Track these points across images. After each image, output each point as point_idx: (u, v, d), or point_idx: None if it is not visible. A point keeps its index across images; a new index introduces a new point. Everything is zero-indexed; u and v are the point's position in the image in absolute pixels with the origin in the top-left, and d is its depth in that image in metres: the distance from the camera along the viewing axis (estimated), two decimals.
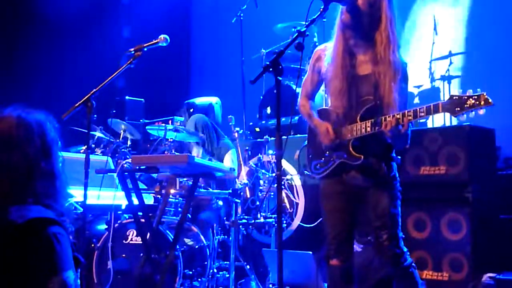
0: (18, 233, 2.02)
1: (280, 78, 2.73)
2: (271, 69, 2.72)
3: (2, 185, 2.11)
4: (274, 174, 5.41)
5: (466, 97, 2.92)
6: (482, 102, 2.88)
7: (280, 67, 2.72)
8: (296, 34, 2.88)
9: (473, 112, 2.92)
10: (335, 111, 3.40)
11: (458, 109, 2.93)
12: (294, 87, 6.63)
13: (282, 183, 5.88)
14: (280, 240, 2.64)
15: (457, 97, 2.94)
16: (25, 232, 2.03)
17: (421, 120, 6.49)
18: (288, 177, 5.90)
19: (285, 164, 5.89)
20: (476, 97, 2.90)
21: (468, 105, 2.91)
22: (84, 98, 3.73)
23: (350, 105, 3.31)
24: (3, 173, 2.13)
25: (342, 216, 3.42)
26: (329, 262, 3.44)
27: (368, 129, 3.23)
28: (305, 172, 3.65)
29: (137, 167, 4.08)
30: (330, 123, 3.41)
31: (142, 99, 8.13)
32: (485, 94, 2.89)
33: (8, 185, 2.12)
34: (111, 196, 4.62)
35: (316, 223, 5.44)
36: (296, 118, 6.13)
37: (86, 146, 3.78)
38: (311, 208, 5.80)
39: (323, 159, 3.49)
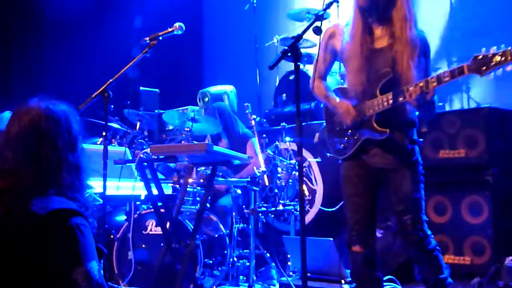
0: (41, 225, 2.02)
1: (299, 63, 2.70)
2: (289, 54, 2.70)
3: (26, 176, 2.11)
4: (292, 161, 5.39)
5: (491, 55, 2.83)
6: (509, 58, 2.78)
7: (299, 52, 2.70)
8: (314, 17, 2.85)
9: (500, 70, 2.83)
10: (353, 89, 3.37)
11: (484, 68, 2.84)
12: (309, 73, 6.58)
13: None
14: (303, 226, 2.62)
15: (481, 57, 2.85)
16: (48, 223, 2.03)
17: (439, 104, 6.44)
18: (306, 163, 5.88)
19: (310, 156, 5.87)
20: (501, 53, 2.81)
21: (494, 63, 2.81)
22: (101, 88, 3.73)
23: (369, 80, 3.28)
24: (30, 165, 2.13)
25: (364, 201, 3.40)
26: (351, 248, 3.43)
27: (390, 101, 3.19)
28: (327, 154, 3.61)
29: (156, 157, 4.08)
30: (349, 101, 3.38)
31: (157, 90, 8.13)
32: (510, 49, 2.79)
33: (33, 177, 2.12)
34: (130, 186, 4.63)
35: (337, 207, 5.42)
36: (313, 104, 6.10)
37: (104, 136, 3.78)
38: (332, 193, 5.78)
39: (346, 138, 3.45)
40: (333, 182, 3.82)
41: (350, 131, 3.43)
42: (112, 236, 5.04)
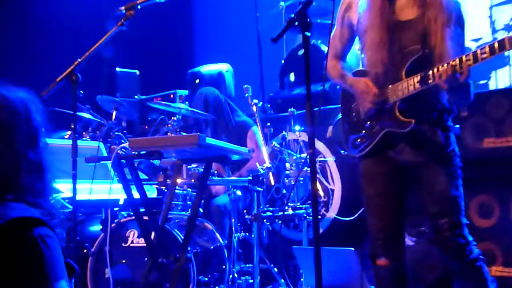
0: None
1: (309, 34, 2.70)
2: (296, 23, 2.69)
3: None
4: (303, 155, 5.39)
5: None
6: None
7: (308, 20, 2.69)
8: None
9: None
10: (373, 70, 3.38)
11: None
12: (323, 47, 6.58)
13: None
14: (317, 233, 2.62)
15: None
16: (5, 235, 2.03)
17: (481, 82, 6.42)
18: (320, 158, 5.88)
19: (326, 151, 5.88)
20: None
21: None
22: (68, 70, 3.73)
23: (392, 59, 3.28)
24: None
25: (389, 204, 3.41)
26: (376, 261, 3.44)
27: (417, 85, 3.19)
28: (342, 151, 3.63)
29: (136, 153, 4.08)
30: None
31: (136, 71, 8.13)
32: None
33: None
34: (105, 189, 4.63)
35: (356, 216, 5.42)
36: (328, 85, 6.09)
37: (72, 129, 3.78)
38: (350, 197, 5.78)
39: (363, 131, 3.47)
40: (354, 180, 3.82)
41: (369, 122, 3.45)
42: (85, 250, 5.04)
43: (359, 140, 3.49)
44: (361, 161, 3.52)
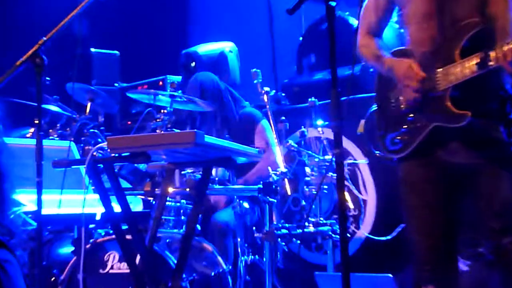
0: None
1: (334, 4, 2.70)
2: None
3: None
4: (327, 157, 5.37)
5: None
6: None
7: None
8: None
9: None
10: (418, 49, 3.38)
11: None
12: (351, 20, 6.56)
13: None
14: (346, 257, 2.62)
15: None
16: None
17: None
18: (350, 160, 5.87)
19: (344, 141, 5.85)
20: None
21: None
22: (30, 52, 3.72)
23: (443, 35, 3.28)
24: None
25: (438, 218, 3.41)
26: None
27: (475, 68, 3.19)
28: (376, 152, 3.61)
29: (117, 155, 4.07)
30: None
31: (117, 52, 8.13)
32: None
33: None
34: (78, 201, 4.63)
35: (394, 234, 5.41)
36: (358, 68, 6.07)
37: (36, 125, 3.76)
38: (386, 210, 5.77)
39: (405, 127, 3.45)
40: (392, 188, 3.82)
41: (412, 115, 3.43)
42: (53, 279, 5.05)
43: (399, 137, 3.48)
44: (401, 164, 3.52)
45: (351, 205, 5.83)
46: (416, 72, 3.35)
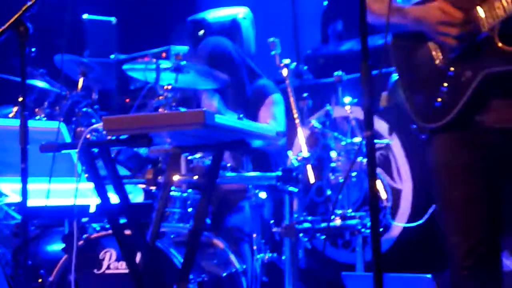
0: None
1: None
2: None
3: None
4: (356, 140, 5.36)
5: None
6: None
7: None
8: None
9: None
10: None
11: None
12: None
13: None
14: (378, 255, 2.61)
15: None
16: None
17: None
18: (381, 143, 5.86)
19: (376, 121, 5.84)
20: None
21: None
22: (12, 19, 3.72)
23: None
24: None
25: (482, 211, 3.38)
26: None
27: None
28: (413, 126, 3.57)
29: (114, 138, 4.08)
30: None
31: (113, 18, 8.13)
32: None
33: None
34: (69, 191, 4.64)
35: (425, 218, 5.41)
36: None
37: (20, 103, 3.77)
38: (424, 200, 5.76)
39: (445, 85, 3.38)
40: (426, 175, 3.80)
41: (452, 69, 3.38)
42: (40, 280, 5.07)
43: (439, 99, 3.40)
44: (434, 140, 3.47)
45: (383, 195, 5.83)
46: (452, 14, 3.31)
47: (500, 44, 3.23)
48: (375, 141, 5.68)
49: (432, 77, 3.45)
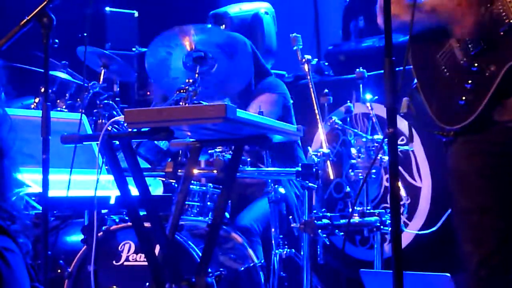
0: None
1: None
2: None
3: None
4: (377, 137, 5.34)
5: None
6: None
7: None
8: None
9: None
10: None
11: None
12: None
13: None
14: (399, 252, 2.60)
15: None
16: None
17: None
18: (401, 141, 5.84)
19: (398, 120, 5.82)
20: None
21: None
22: (36, 11, 3.72)
23: None
24: None
25: (498, 221, 3.36)
26: None
27: None
28: (435, 132, 3.55)
29: (135, 130, 4.08)
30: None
31: (135, 12, 8.14)
32: None
33: None
34: (90, 183, 4.65)
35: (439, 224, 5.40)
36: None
37: (43, 94, 3.78)
38: (443, 199, 5.74)
39: (469, 82, 3.33)
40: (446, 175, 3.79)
41: (476, 64, 3.36)
42: (59, 270, 5.08)
43: (463, 98, 3.38)
44: (451, 146, 3.46)
45: (403, 193, 5.81)
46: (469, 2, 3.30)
47: None
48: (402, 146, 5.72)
49: (455, 75, 3.41)
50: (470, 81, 3.36)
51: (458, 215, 3.45)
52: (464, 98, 3.36)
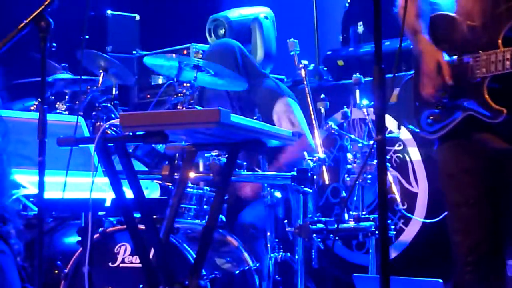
0: None
1: None
2: None
3: None
4: (372, 142, 5.37)
5: None
6: None
7: None
8: None
9: None
10: (465, 22, 3.37)
11: None
12: None
13: (388, 156, 5.84)
14: (386, 256, 2.63)
15: None
16: None
17: None
18: (397, 146, 5.85)
19: (391, 123, 5.83)
20: None
21: None
22: (35, 13, 3.74)
23: (489, 14, 3.26)
24: None
25: (482, 214, 3.43)
26: None
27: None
28: (409, 126, 3.60)
29: (131, 134, 4.10)
30: (454, 47, 3.35)
31: (136, 15, 8.15)
32: None
33: None
34: (86, 185, 4.67)
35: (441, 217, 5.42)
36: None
37: (41, 97, 3.80)
38: (439, 204, 5.76)
39: (438, 107, 3.43)
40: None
41: (446, 98, 3.43)
42: (56, 271, 5.10)
43: (431, 117, 3.46)
44: (438, 149, 3.56)
45: (398, 198, 5.82)
46: (443, 72, 3.34)
47: (486, 96, 3.27)
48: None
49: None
50: (438, 108, 3.46)
51: (448, 208, 3.48)
52: (432, 117, 3.49)
